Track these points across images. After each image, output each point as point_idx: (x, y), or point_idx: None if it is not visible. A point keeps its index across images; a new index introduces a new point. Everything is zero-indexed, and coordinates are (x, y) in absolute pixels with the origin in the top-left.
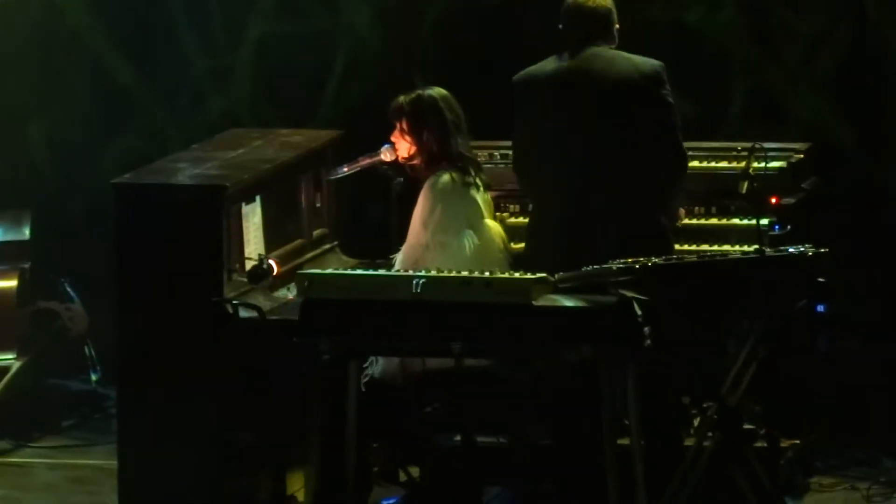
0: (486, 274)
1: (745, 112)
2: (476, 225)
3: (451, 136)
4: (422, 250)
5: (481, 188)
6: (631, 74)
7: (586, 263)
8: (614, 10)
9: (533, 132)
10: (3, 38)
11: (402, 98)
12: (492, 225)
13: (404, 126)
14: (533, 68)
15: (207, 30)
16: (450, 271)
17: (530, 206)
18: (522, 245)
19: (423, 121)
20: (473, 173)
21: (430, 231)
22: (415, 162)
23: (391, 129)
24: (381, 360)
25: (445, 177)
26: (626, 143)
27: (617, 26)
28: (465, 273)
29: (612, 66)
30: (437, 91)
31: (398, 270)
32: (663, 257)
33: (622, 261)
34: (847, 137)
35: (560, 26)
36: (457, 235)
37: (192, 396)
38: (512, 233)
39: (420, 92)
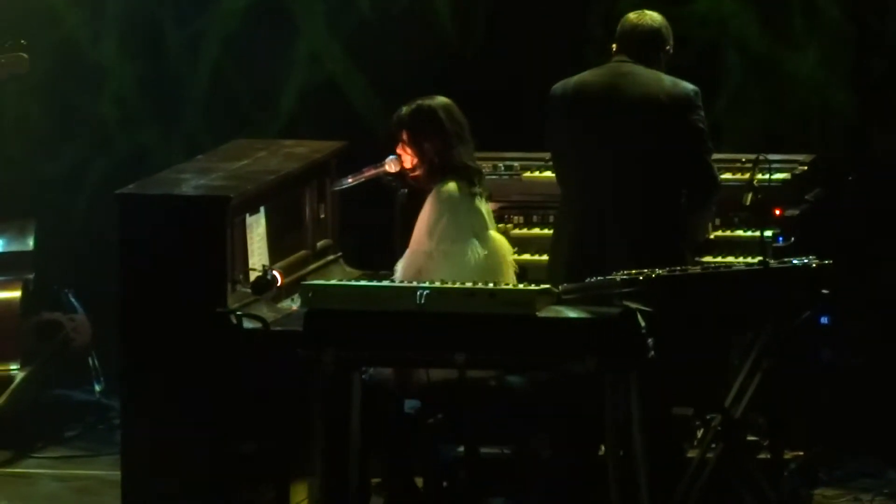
0: (490, 285)
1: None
2: (481, 235)
3: (453, 146)
4: (425, 258)
5: (483, 198)
6: (658, 95)
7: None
8: (665, 32)
9: (561, 142)
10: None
11: (402, 110)
12: (496, 236)
13: (405, 137)
14: (567, 81)
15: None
16: (453, 282)
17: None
18: (525, 256)
19: (423, 131)
20: (476, 183)
21: (435, 240)
22: (417, 173)
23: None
24: None
25: (451, 185)
26: (645, 163)
27: (668, 47)
28: (468, 284)
29: (641, 85)
30: (439, 101)
31: (400, 279)
32: (667, 269)
33: (626, 272)
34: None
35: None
36: (462, 245)
37: (195, 407)
38: (516, 244)
39: (420, 102)
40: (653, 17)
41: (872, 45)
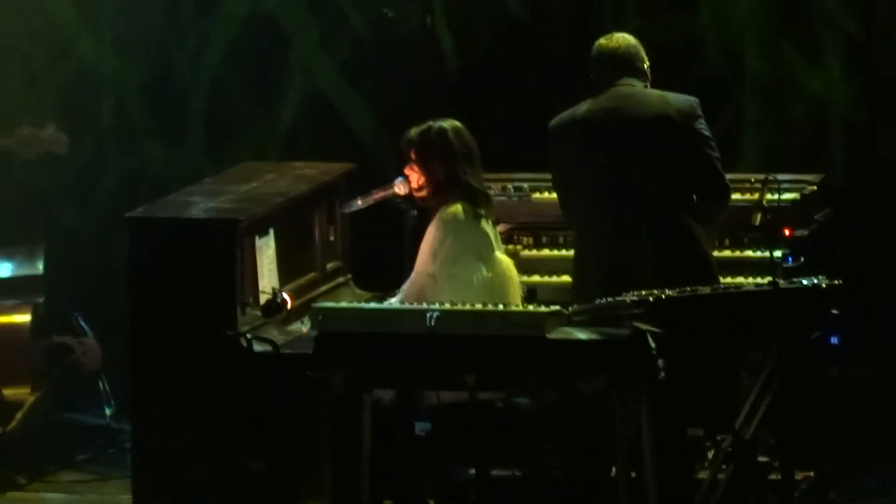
0: (500, 307)
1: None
2: (487, 257)
3: (459, 167)
4: (428, 280)
5: (490, 221)
6: (665, 110)
7: None
8: (640, 48)
9: (570, 174)
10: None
11: (412, 130)
12: (502, 258)
13: (413, 156)
14: (566, 113)
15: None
16: (463, 304)
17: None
18: (535, 278)
19: (431, 151)
20: (482, 205)
21: (438, 262)
22: (423, 193)
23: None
24: None
25: (457, 207)
26: (663, 178)
27: (647, 64)
28: (478, 306)
29: (645, 103)
30: (449, 123)
31: (401, 300)
32: (676, 290)
33: (636, 293)
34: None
35: (591, 76)
36: (465, 267)
37: (205, 430)
38: (526, 265)
39: (430, 124)
40: (624, 36)
41: (881, 50)
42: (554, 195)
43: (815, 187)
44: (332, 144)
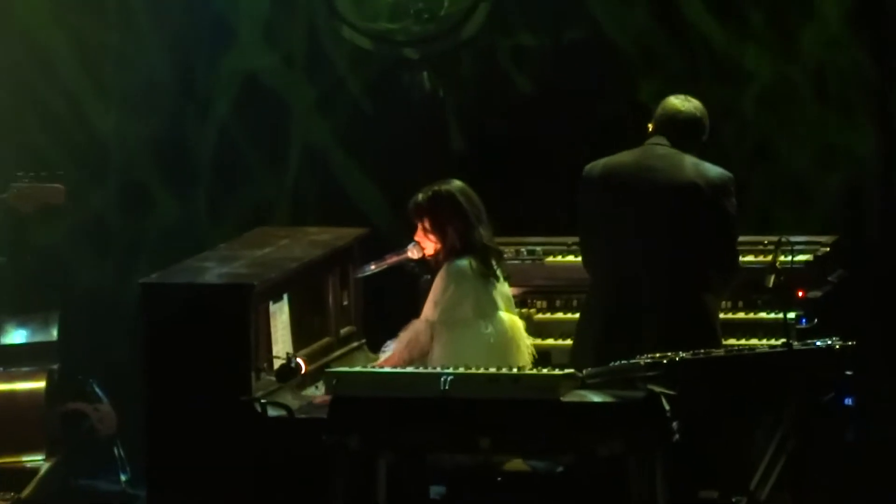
0: (514, 370)
1: None
2: (488, 313)
3: (473, 228)
4: (426, 327)
5: (500, 279)
6: (695, 180)
7: (631, 357)
8: (705, 122)
9: (592, 220)
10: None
11: (420, 196)
12: (507, 318)
13: (426, 225)
14: (602, 160)
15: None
16: (477, 367)
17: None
18: (549, 341)
19: (444, 217)
20: (495, 263)
21: (439, 309)
22: (440, 257)
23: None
24: None
25: (464, 261)
26: (679, 244)
27: (705, 136)
28: (492, 369)
29: (678, 168)
30: (454, 184)
31: (397, 344)
32: (691, 352)
33: (649, 356)
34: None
35: (649, 124)
36: (463, 318)
37: (221, 496)
38: (540, 328)
39: (437, 188)
40: (696, 104)
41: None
42: (567, 259)
43: (829, 248)
44: (339, 203)
